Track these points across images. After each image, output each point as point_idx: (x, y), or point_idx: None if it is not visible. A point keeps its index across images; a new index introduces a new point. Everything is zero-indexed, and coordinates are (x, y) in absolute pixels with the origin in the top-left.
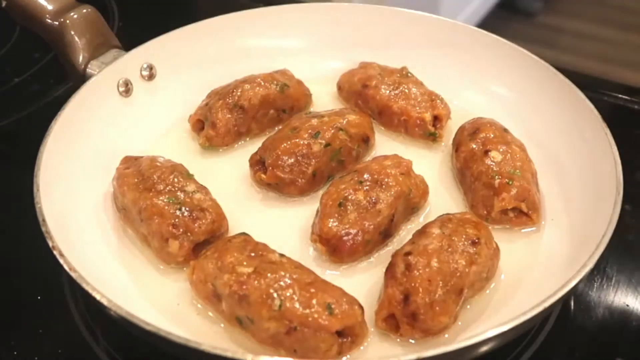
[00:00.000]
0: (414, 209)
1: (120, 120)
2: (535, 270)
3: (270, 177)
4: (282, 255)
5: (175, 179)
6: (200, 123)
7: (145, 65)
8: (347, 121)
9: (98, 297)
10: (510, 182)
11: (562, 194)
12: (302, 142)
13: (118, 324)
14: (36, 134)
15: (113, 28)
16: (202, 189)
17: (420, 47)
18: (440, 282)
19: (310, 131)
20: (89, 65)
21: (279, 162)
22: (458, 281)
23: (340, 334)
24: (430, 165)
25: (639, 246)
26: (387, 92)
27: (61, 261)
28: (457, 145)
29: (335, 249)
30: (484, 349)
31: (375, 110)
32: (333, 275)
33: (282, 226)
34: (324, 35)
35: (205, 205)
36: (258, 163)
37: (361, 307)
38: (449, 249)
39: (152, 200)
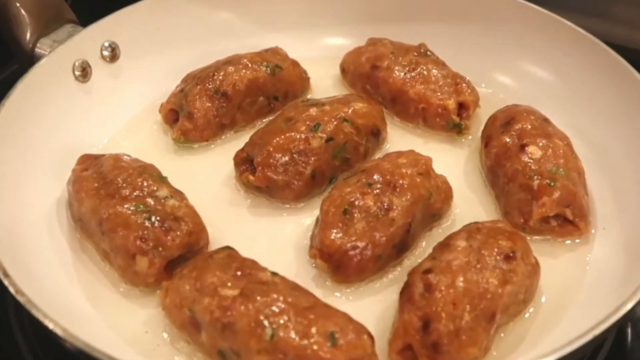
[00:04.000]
0: (434, 216)
1: (77, 110)
2: (582, 291)
3: (260, 179)
4: (274, 274)
5: (145, 183)
6: (174, 113)
7: (106, 44)
8: (353, 110)
9: (51, 325)
10: (552, 184)
11: (615, 197)
12: (298, 136)
13: (75, 357)
14: None
15: None
16: (177, 193)
17: (441, 20)
18: (468, 306)
19: (308, 123)
20: (39, 44)
21: (270, 161)
22: (489, 304)
23: None
24: (455, 163)
25: None
26: (402, 74)
27: (6, 282)
28: (487, 138)
29: (340, 266)
30: None
31: (388, 96)
32: (337, 298)
33: (275, 239)
34: (324, 5)
35: (180, 214)
36: (245, 162)
37: (371, 337)
38: (478, 266)
39: (115, 208)
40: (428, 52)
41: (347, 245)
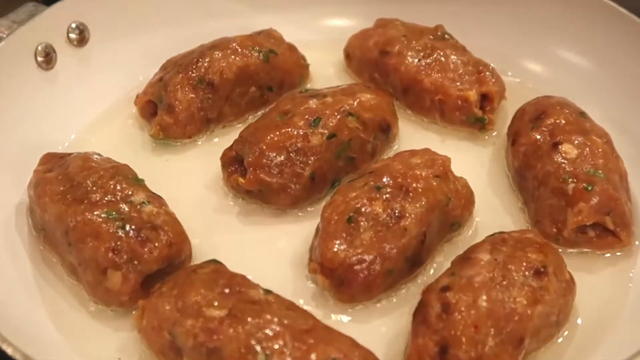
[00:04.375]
0: (453, 225)
1: (39, 102)
2: (624, 311)
3: (251, 181)
4: (267, 291)
5: (118, 186)
6: (152, 106)
7: (73, 25)
8: (359, 102)
9: (10, 350)
10: (590, 188)
11: None
12: (295, 133)
13: None
14: None
15: None
16: (155, 199)
17: None
18: (492, 329)
19: (307, 117)
20: None
21: (263, 161)
22: (517, 327)
23: None
24: (477, 164)
25: None
26: (416, 60)
27: None
28: (514, 135)
29: (343, 282)
30: None
31: (399, 86)
32: (340, 319)
33: (268, 251)
34: None
35: (159, 222)
36: (234, 162)
37: None
38: (504, 282)
39: (84, 215)
40: (446, 35)
41: (352, 259)
